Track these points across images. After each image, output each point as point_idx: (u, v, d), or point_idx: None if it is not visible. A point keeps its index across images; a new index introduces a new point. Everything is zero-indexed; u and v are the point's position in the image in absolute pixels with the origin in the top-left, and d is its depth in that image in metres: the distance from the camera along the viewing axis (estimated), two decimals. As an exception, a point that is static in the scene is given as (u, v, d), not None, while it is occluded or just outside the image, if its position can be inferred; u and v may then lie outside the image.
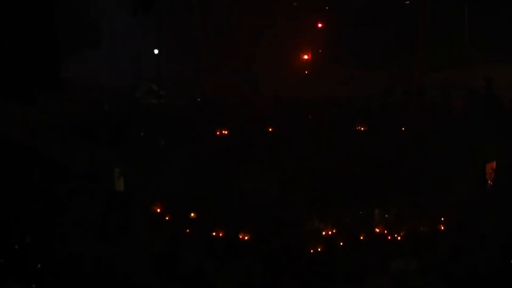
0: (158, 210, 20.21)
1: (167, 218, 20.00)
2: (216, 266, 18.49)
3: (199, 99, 26.18)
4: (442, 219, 19.60)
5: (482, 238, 18.43)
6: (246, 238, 19.41)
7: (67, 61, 23.46)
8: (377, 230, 19.64)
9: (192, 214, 20.08)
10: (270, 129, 23.00)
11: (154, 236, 19.22)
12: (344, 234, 19.56)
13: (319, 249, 19.18)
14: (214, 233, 19.53)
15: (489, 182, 20.41)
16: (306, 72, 32.30)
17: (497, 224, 18.69)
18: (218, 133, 23.06)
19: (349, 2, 34.36)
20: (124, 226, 19.16)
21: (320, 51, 33.46)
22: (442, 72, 30.77)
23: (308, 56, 33.82)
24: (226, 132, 23.07)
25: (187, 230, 19.61)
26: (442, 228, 19.51)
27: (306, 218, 19.90)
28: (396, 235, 19.52)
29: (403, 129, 22.60)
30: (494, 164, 20.54)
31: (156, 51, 29.68)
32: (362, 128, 22.77)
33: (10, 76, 18.76)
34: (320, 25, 34.46)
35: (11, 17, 18.71)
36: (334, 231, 19.58)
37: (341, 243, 19.37)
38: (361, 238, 19.50)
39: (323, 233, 19.57)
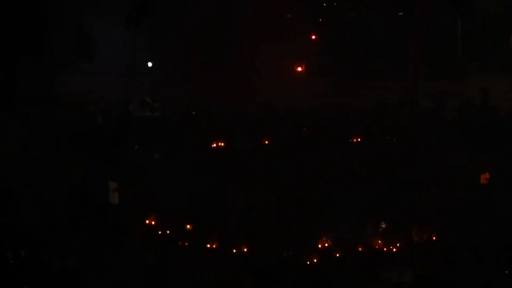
0: (153, 223, 20.17)
1: (160, 231, 19.96)
2: (211, 278, 18.47)
3: (193, 112, 26.18)
4: (436, 230, 19.58)
5: (476, 249, 18.42)
6: (241, 250, 19.38)
7: (60, 74, 23.54)
8: (372, 242, 19.61)
9: (187, 227, 20.03)
10: (266, 141, 23.00)
11: (148, 249, 19.19)
12: (339, 246, 19.52)
13: (314, 261, 19.16)
14: (208, 245, 19.49)
15: (483, 192, 20.38)
16: (299, 82, 32.42)
17: (491, 235, 18.67)
18: (213, 145, 23.05)
19: (342, 13, 34.50)
20: (118, 239, 19.14)
21: (313, 62, 33.60)
22: (436, 83, 30.88)
23: (301, 67, 33.92)
24: (221, 144, 23.07)
25: (181, 243, 19.57)
26: (436, 239, 19.48)
27: (301, 230, 19.85)
28: (390, 247, 19.49)
29: (396, 140, 22.60)
30: (488, 175, 20.52)
31: (150, 64, 29.75)
32: (358, 139, 22.78)
33: (3, 89, 18.79)
34: (313, 36, 34.59)
35: (4, 30, 18.75)
36: (329, 243, 19.55)
37: (337, 255, 19.33)
38: (357, 249, 19.46)
39: (319, 245, 19.53)
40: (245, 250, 19.27)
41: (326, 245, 19.47)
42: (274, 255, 19.12)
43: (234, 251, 19.31)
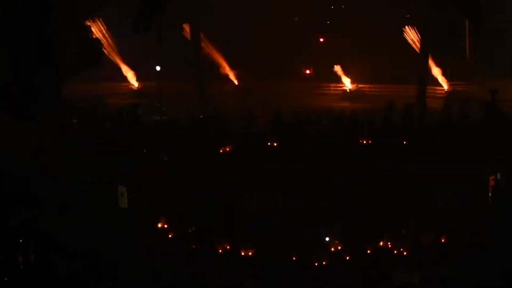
0: (159, 226, 20.19)
1: (168, 234, 20.00)
2: (216, 280, 18.48)
3: (201, 116, 26.26)
4: (446, 232, 19.58)
5: (485, 250, 18.41)
6: (248, 252, 19.40)
7: (69, 79, 23.58)
8: (381, 244, 19.62)
9: (194, 229, 20.04)
10: (275, 144, 23.04)
11: (156, 251, 19.23)
12: (349, 248, 19.53)
13: (323, 263, 19.17)
14: (216, 248, 19.51)
15: (490, 194, 20.36)
16: (308, 85, 32.48)
17: (500, 236, 18.66)
18: (221, 149, 23.09)
19: (350, 17, 34.48)
20: (127, 242, 19.19)
21: (322, 65, 33.64)
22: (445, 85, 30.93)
23: (310, 71, 33.96)
24: (230, 148, 23.10)
25: (189, 245, 19.58)
26: (446, 241, 19.48)
27: (310, 232, 19.86)
28: (400, 249, 19.48)
29: (405, 142, 22.62)
30: (496, 176, 20.50)
31: (158, 68, 29.75)
32: (366, 142, 22.81)
33: (12, 95, 18.83)
34: (321, 39, 34.62)
35: (12, 36, 18.79)
36: (339, 246, 19.56)
37: (347, 257, 19.35)
38: (366, 252, 19.46)
39: (331, 248, 19.54)
40: (254, 252, 19.29)
41: (338, 248, 19.49)
42: (283, 257, 19.14)
43: (243, 253, 19.34)
